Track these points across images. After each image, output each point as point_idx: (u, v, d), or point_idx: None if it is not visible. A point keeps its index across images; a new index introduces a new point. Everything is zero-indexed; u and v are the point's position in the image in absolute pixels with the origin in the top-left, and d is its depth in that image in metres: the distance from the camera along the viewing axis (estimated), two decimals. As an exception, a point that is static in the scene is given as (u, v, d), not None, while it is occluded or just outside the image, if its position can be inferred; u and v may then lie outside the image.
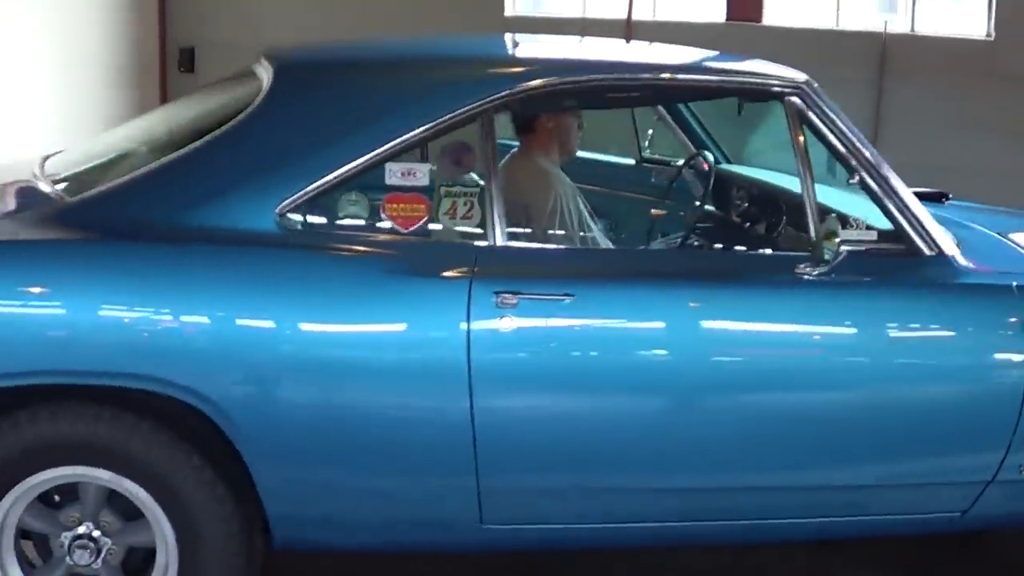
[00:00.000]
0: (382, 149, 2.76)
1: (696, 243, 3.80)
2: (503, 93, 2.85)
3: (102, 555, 2.75)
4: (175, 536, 2.74)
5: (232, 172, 2.76)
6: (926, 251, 2.97)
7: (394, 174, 2.80)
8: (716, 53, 3.44)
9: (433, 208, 2.83)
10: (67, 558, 2.75)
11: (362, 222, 2.82)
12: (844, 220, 2.96)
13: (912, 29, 6.99)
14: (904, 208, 2.98)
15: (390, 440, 2.72)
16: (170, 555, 2.76)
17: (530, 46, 3.67)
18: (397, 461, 2.74)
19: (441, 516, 2.84)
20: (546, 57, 3.31)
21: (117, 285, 2.62)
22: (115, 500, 2.76)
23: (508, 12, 7.31)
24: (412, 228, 2.81)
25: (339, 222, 2.82)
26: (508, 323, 2.72)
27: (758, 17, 6.91)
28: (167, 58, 7.41)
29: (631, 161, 4.62)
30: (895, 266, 2.98)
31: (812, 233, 2.91)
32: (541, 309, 2.74)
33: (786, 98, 2.98)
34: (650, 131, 4.56)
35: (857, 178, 2.98)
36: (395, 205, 2.80)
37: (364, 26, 7.30)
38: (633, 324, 2.81)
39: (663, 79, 3.13)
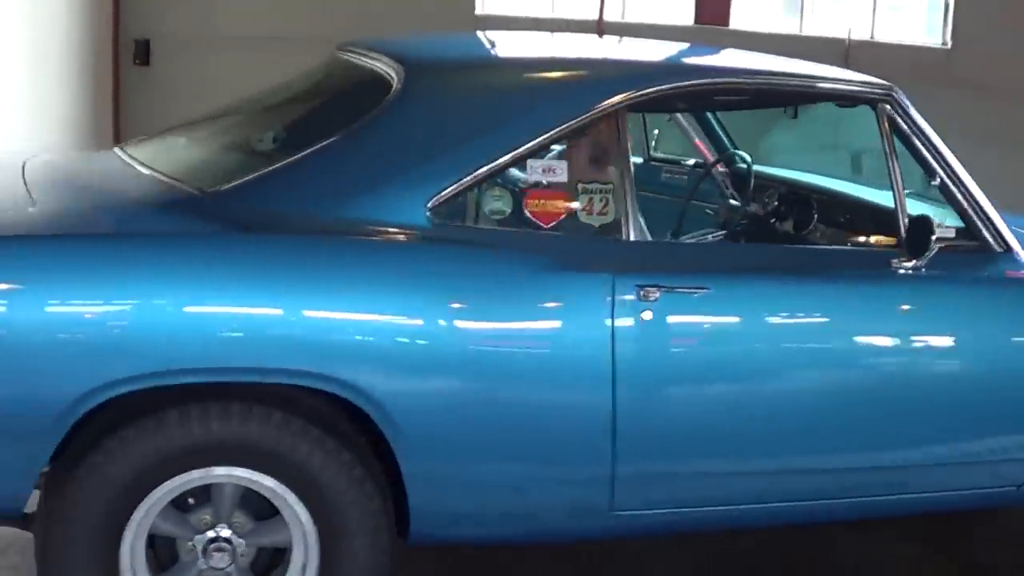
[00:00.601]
0: (524, 146, 2.79)
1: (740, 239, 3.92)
2: (635, 93, 2.91)
3: (237, 557, 2.70)
4: (318, 535, 2.70)
5: (381, 166, 2.74)
6: (996, 247, 3.16)
7: (535, 171, 2.83)
8: (796, 60, 3.56)
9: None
10: (199, 561, 2.69)
11: (505, 217, 2.82)
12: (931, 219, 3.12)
13: (872, 36, 7.31)
14: (979, 208, 3.16)
15: (533, 430, 2.74)
16: (310, 554, 2.71)
17: (642, 50, 3.73)
18: (539, 451, 2.77)
19: (574, 504, 2.88)
20: (668, 61, 3.38)
21: (276, 280, 2.57)
22: (245, 500, 2.71)
23: (479, 11, 7.32)
24: (552, 224, 2.85)
25: (484, 217, 2.82)
26: (650, 315, 2.78)
27: (725, 21, 7.10)
28: (120, 50, 7.16)
29: (639, 159, 4.73)
30: (971, 261, 3.16)
31: (903, 231, 3.06)
32: (680, 302, 2.81)
33: (879, 104, 3.12)
34: (656, 131, 4.67)
35: (938, 180, 3.15)
36: (536, 201, 2.83)
37: (327, 21, 7.20)
38: (764, 315, 2.91)
39: (773, 83, 3.23)
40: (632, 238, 2.86)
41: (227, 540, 2.68)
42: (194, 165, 3.01)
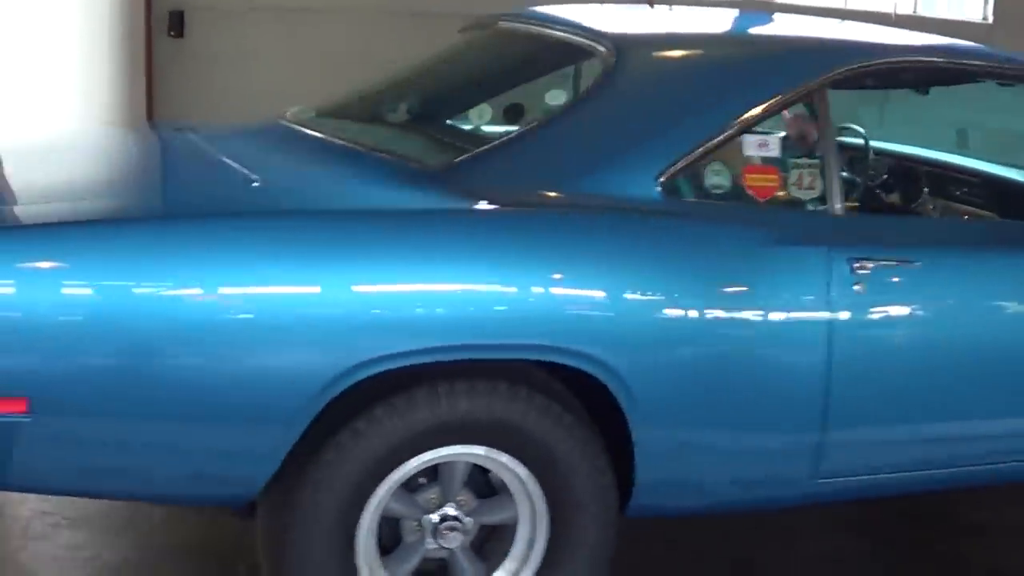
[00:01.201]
0: (741, 120, 2.82)
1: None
2: (841, 69, 2.95)
3: (467, 535, 2.69)
4: (549, 511, 2.70)
5: (610, 140, 2.74)
6: None
7: (751, 145, 2.85)
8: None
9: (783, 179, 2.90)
10: (427, 541, 2.67)
11: (726, 191, 2.83)
12: None
13: (915, 11, 7.40)
14: None
15: (753, 400, 2.78)
16: (538, 531, 2.72)
17: (829, 28, 3.76)
18: (758, 420, 2.81)
19: (784, 471, 2.92)
20: (866, 39, 3.40)
21: (528, 256, 2.54)
22: (467, 479, 2.70)
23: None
24: (768, 198, 2.87)
25: (707, 191, 2.83)
26: (861, 288, 2.81)
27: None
28: (154, 22, 6.97)
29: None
30: None
31: None
32: (890, 275, 2.86)
33: None
34: None
35: None
36: (753, 175, 2.85)
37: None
38: (967, 288, 2.97)
39: (963, 63, 3.28)
40: (838, 212, 2.91)
41: (456, 519, 2.67)
42: (405, 140, 2.97)
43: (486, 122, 3.19)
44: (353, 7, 7.10)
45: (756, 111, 2.83)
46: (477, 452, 2.62)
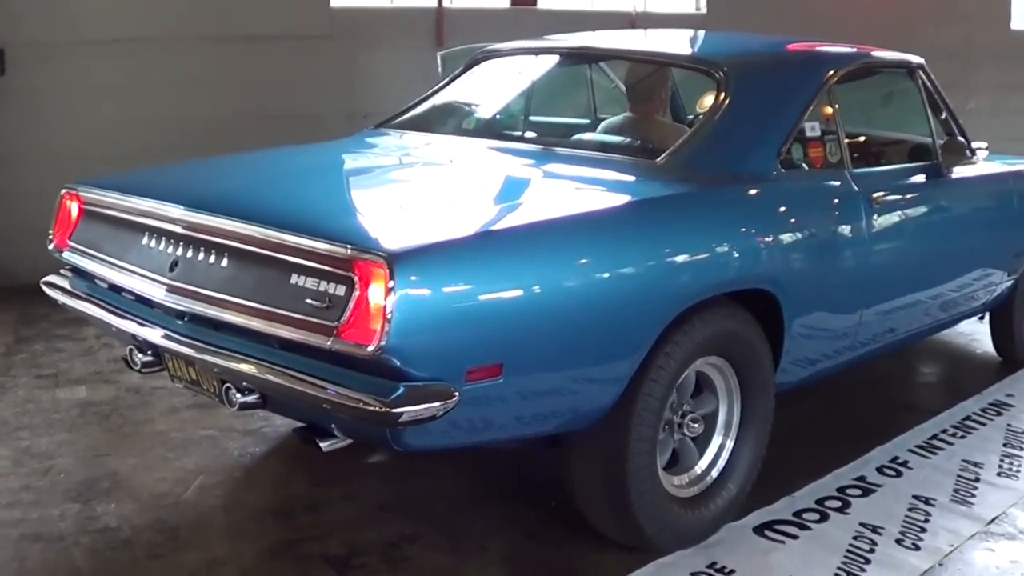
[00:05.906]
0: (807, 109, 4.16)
1: None
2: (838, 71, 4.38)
3: (700, 424, 3.80)
4: (741, 396, 3.87)
5: (750, 132, 3.99)
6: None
7: (808, 127, 4.17)
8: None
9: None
10: (674, 436, 3.73)
11: (804, 160, 4.17)
12: None
13: (646, 7, 8.88)
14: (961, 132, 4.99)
15: (855, 288, 4.29)
16: (734, 412, 3.89)
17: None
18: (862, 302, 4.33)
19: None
20: (842, 49, 4.67)
21: (740, 224, 3.74)
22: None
23: (334, 3, 7.86)
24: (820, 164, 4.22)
25: (796, 162, 4.14)
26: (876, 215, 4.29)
27: (534, 1, 8.33)
28: (-28, 63, 6.84)
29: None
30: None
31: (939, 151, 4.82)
32: (887, 207, 4.35)
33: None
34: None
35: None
36: (813, 148, 4.19)
37: (191, 19, 7.31)
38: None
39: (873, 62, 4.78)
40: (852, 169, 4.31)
41: (693, 413, 3.77)
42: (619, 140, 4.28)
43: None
44: (181, 35, 7.40)
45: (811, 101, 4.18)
46: (710, 361, 3.73)
